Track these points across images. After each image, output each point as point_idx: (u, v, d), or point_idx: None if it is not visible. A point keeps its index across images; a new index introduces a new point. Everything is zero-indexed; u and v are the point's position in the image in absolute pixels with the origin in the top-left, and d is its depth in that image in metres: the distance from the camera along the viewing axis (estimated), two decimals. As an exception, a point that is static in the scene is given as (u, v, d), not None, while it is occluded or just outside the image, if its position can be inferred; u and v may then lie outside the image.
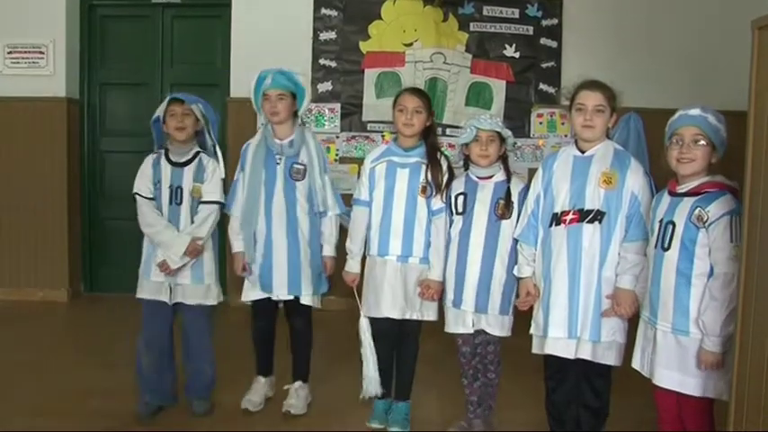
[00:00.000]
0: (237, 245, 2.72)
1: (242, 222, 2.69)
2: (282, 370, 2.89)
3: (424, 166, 2.54)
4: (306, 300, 2.69)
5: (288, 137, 2.68)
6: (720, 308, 1.84)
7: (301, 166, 2.67)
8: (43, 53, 4.45)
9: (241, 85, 4.30)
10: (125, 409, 2.72)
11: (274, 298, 2.70)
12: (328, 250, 2.75)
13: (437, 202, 2.52)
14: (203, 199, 2.64)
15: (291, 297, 2.69)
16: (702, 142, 1.93)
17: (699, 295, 1.89)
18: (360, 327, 2.63)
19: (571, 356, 2.21)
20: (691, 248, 1.90)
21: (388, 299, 2.55)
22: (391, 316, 2.56)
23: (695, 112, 1.95)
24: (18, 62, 4.46)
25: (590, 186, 2.19)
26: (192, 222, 2.62)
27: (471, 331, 2.44)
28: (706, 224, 1.87)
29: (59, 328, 4.07)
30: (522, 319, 2.42)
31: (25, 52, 4.45)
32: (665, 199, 2.02)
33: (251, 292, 2.73)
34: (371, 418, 2.65)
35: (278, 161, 2.66)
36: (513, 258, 2.38)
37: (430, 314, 2.57)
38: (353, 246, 2.65)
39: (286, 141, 2.68)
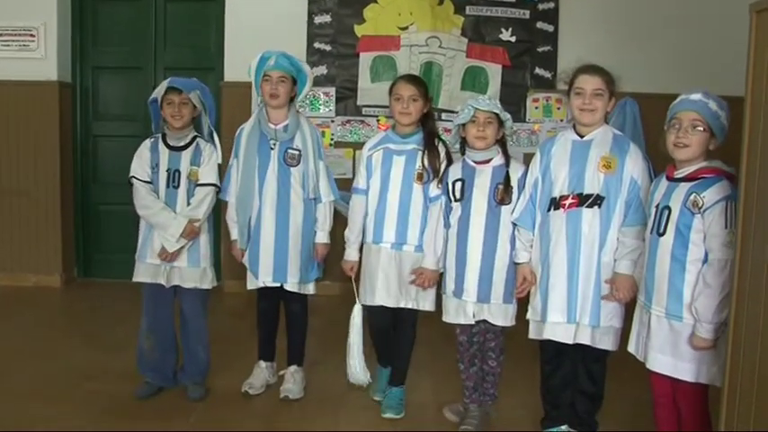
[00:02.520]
0: (234, 232, 2.72)
1: (237, 209, 2.68)
2: (278, 357, 2.90)
3: (420, 153, 2.52)
4: (290, 287, 2.68)
5: (282, 122, 2.66)
6: (713, 294, 1.84)
7: (296, 152, 2.65)
8: (34, 36, 4.38)
9: (235, 68, 4.28)
10: (122, 392, 2.73)
11: (260, 284, 2.69)
12: (321, 237, 2.74)
13: (434, 189, 2.50)
14: (200, 181, 2.64)
15: (277, 285, 2.68)
16: (700, 128, 1.92)
17: (693, 281, 1.89)
18: (353, 313, 2.63)
19: (570, 341, 2.22)
20: (686, 234, 1.90)
21: (382, 287, 2.54)
22: (385, 304, 2.56)
23: (696, 96, 1.94)
24: (8, 45, 4.39)
25: (589, 171, 2.19)
26: (189, 205, 2.62)
27: (472, 322, 2.42)
28: (701, 210, 1.87)
29: (53, 314, 4.05)
30: (521, 304, 2.42)
31: (15, 35, 4.38)
32: (663, 184, 2.01)
33: (253, 282, 2.73)
34: (376, 391, 2.67)
35: (272, 146, 2.64)
36: (514, 244, 2.36)
37: (426, 304, 2.57)
38: (351, 234, 2.65)
39: (280, 126, 2.65)
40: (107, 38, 4.65)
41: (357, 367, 2.65)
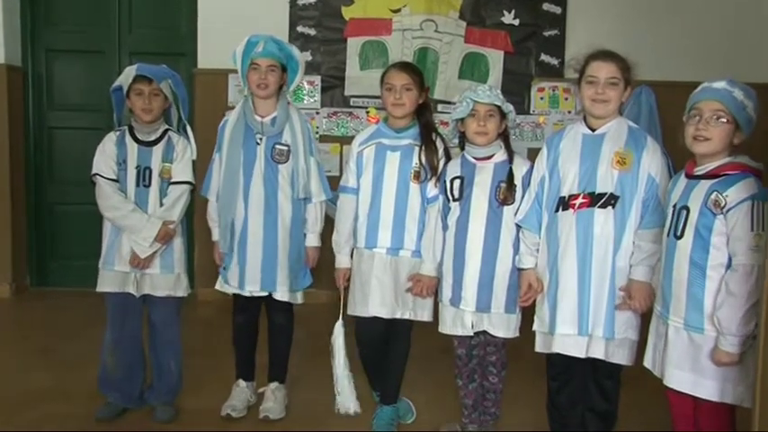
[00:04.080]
0: (216, 232, 2.72)
1: (219, 209, 2.68)
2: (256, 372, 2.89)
3: (416, 149, 2.53)
4: (280, 296, 2.68)
5: (270, 114, 2.66)
6: (738, 303, 1.83)
7: (284, 147, 2.64)
8: (-25, 13, 4.33)
9: (210, 54, 4.26)
10: (81, 414, 2.71)
11: (246, 294, 2.69)
12: (312, 240, 2.75)
13: (432, 189, 2.51)
14: (173, 179, 2.64)
15: (264, 294, 2.68)
16: (723, 120, 1.92)
17: (714, 288, 1.89)
18: (333, 333, 2.64)
19: (582, 355, 2.23)
20: (706, 237, 1.90)
21: (377, 296, 2.54)
22: (380, 315, 2.56)
23: (720, 84, 1.94)
24: (-53, 24, 4.34)
25: (602, 167, 2.19)
26: (161, 206, 2.61)
27: (471, 333, 2.43)
28: (723, 210, 1.87)
29: (2, 328, 4.01)
30: (524, 314, 2.43)
31: (-45, 13, 4.34)
32: (682, 181, 2.02)
33: (227, 284, 2.72)
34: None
35: (258, 141, 2.63)
36: (518, 248, 2.37)
37: (424, 314, 2.58)
38: (341, 238, 2.65)
39: (268, 118, 2.65)
40: (63, 17, 4.60)
41: (345, 395, 2.66)
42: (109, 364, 2.70)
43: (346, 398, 2.67)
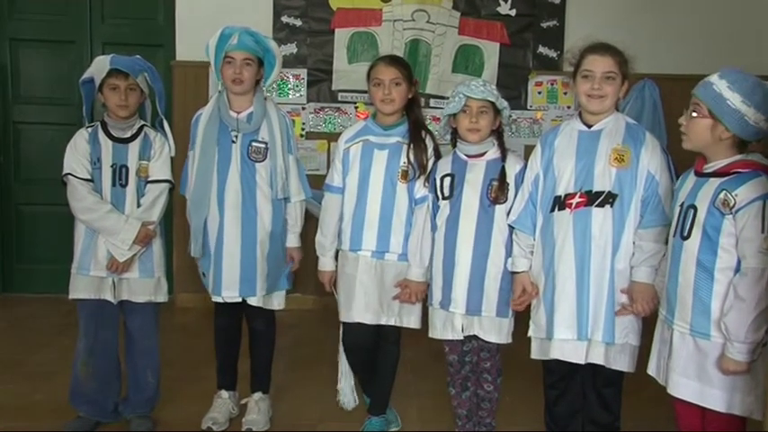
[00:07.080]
0: None
1: (191, 210, 2.69)
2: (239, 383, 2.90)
3: (405, 147, 2.55)
4: (255, 301, 2.69)
5: (246, 109, 2.66)
6: (747, 309, 1.83)
7: (262, 145, 2.65)
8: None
9: (188, 45, 4.26)
10: (47, 430, 2.68)
11: (220, 300, 2.69)
12: (292, 240, 2.76)
13: (420, 189, 2.53)
14: (151, 178, 2.65)
15: (239, 299, 2.68)
16: (695, 114, 1.95)
17: (722, 292, 1.89)
18: (341, 332, 2.68)
19: (581, 361, 2.25)
20: (714, 238, 1.91)
21: (360, 301, 2.57)
22: (363, 321, 2.58)
23: (710, 77, 1.95)
24: None
25: (599, 165, 2.22)
26: (139, 206, 2.62)
27: (461, 337, 2.46)
28: (732, 210, 1.88)
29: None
30: (519, 320, 2.45)
31: None
32: (690, 179, 2.03)
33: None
34: None
35: (234, 138, 2.64)
36: (511, 250, 2.40)
37: (411, 320, 2.60)
38: (325, 239, 2.67)
39: (244, 115, 2.65)
40: (28, 3, 4.57)
41: (346, 389, 2.73)
42: (82, 376, 2.69)
43: (346, 394, 2.78)
